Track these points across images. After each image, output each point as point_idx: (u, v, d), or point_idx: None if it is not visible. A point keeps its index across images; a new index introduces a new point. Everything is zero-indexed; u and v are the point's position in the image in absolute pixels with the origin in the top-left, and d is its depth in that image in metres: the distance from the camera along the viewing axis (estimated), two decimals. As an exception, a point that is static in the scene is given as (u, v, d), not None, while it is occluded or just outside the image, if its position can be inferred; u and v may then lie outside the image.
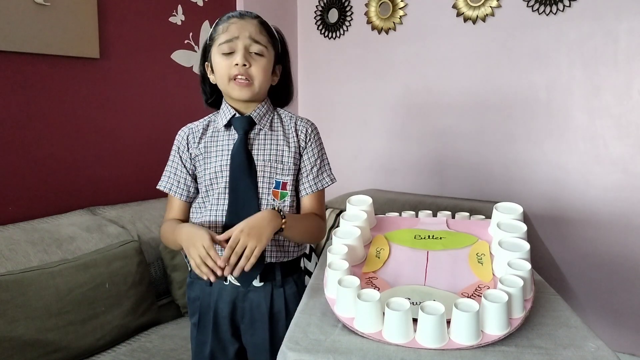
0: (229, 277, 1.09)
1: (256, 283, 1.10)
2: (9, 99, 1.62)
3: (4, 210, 1.63)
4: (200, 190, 1.12)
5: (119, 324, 1.51)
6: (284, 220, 1.01)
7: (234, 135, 1.09)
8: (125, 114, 1.98)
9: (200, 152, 1.11)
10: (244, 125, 1.08)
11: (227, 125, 1.10)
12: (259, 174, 1.08)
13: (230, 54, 1.04)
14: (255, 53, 1.05)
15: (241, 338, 1.14)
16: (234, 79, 1.04)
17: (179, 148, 1.13)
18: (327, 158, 1.18)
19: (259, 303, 1.10)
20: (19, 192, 1.66)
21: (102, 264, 1.52)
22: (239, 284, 1.09)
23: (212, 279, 0.94)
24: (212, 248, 0.94)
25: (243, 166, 1.06)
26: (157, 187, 1.16)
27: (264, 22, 1.09)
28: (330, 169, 1.18)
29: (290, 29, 2.73)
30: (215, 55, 1.06)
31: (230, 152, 1.08)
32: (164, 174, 1.16)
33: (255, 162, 1.08)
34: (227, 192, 1.08)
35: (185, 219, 1.16)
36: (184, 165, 1.13)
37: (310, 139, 1.13)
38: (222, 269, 0.94)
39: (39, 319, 1.33)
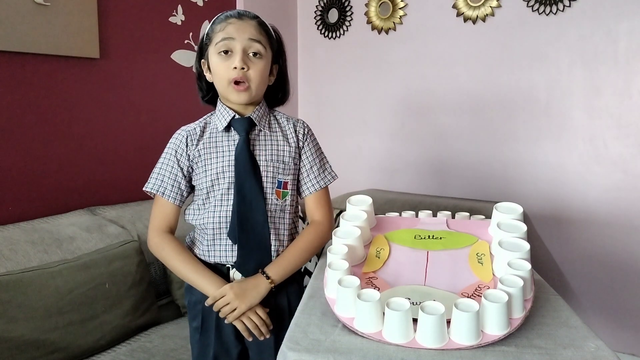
0: (232, 274, 1.10)
1: None
2: (9, 98, 1.62)
3: (4, 210, 1.63)
4: (198, 192, 1.11)
5: (119, 324, 1.51)
6: (269, 280, 1.05)
7: (234, 136, 1.09)
8: (125, 114, 1.98)
9: (199, 153, 1.09)
10: (245, 127, 1.08)
11: (227, 127, 1.09)
12: (262, 174, 1.08)
13: (227, 54, 1.04)
14: (254, 54, 1.05)
15: (244, 340, 1.14)
16: (233, 83, 1.04)
17: (176, 151, 1.10)
18: (325, 156, 1.19)
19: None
20: (19, 192, 1.66)
21: (102, 264, 1.51)
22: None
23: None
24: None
25: (248, 167, 1.06)
26: (145, 188, 1.11)
27: (262, 23, 1.08)
28: (330, 166, 1.19)
29: (290, 29, 2.73)
30: (213, 54, 1.06)
31: (231, 153, 1.08)
32: (152, 175, 1.11)
33: (258, 162, 1.08)
34: (230, 192, 1.07)
35: (175, 226, 1.13)
36: (180, 168, 1.09)
37: (307, 138, 1.15)
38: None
39: (39, 319, 1.33)
